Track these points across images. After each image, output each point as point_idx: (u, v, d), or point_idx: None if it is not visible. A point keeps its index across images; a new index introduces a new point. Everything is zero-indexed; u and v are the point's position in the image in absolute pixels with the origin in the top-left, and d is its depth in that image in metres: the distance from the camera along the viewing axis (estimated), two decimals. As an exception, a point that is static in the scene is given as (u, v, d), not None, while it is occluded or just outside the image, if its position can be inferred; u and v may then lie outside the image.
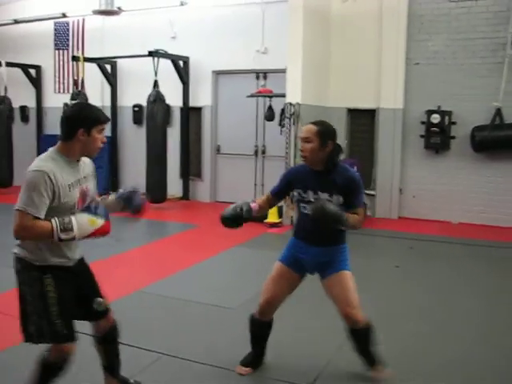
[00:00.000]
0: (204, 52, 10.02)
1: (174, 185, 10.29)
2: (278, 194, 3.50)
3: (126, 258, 6.48)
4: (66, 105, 11.01)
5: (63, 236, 2.58)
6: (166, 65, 9.63)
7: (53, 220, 2.56)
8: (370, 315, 3.39)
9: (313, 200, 3.20)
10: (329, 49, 9.20)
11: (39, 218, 2.54)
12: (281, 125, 8.45)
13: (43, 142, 11.36)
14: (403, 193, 8.99)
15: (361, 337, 3.33)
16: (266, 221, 8.26)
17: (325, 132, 3.22)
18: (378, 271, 6.09)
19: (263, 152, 9.87)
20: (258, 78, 9.80)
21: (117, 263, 6.16)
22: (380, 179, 9.10)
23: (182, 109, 10.30)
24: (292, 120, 8.26)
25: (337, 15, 9.16)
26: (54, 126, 11.55)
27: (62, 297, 2.70)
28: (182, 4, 9.97)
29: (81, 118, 2.69)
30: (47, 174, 2.54)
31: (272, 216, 8.27)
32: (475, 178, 8.64)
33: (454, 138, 8.69)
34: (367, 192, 8.98)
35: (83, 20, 11.01)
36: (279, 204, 8.21)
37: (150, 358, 3.72)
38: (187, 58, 10.11)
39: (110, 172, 10.94)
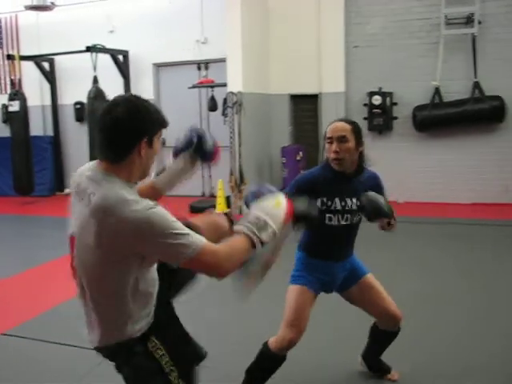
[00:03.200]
0: (143, 45, 9.85)
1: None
2: None
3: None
4: (4, 106, 10.72)
5: (264, 236, 1.81)
6: (105, 60, 9.43)
7: (237, 227, 1.84)
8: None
9: (340, 208, 2.79)
10: (268, 36, 9.17)
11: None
12: (224, 114, 8.39)
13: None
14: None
15: (392, 338, 3.08)
16: (213, 211, 8.20)
17: (358, 130, 2.82)
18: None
19: (209, 143, 9.78)
20: (199, 68, 9.71)
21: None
22: (326, 163, 9.12)
23: (124, 104, 10.10)
24: (235, 109, 8.21)
25: (275, 2, 9.15)
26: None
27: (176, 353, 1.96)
28: (117, -4, 9.80)
29: (144, 121, 1.81)
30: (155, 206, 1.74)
31: (220, 206, 8.23)
32: (418, 157, 8.79)
33: (396, 118, 8.82)
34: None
35: (16, 16, 10.66)
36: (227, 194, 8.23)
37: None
38: (126, 51, 9.92)
39: (54, 173, 10.69)
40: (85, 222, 1.75)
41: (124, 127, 1.76)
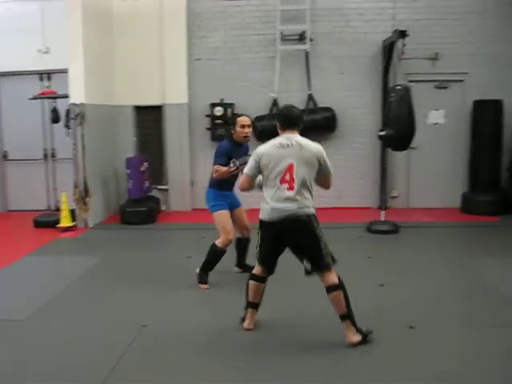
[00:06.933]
0: (-19, 53, 9.43)
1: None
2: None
3: None
4: None
5: None
6: None
7: None
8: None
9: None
10: (112, 47, 9.18)
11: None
12: (67, 126, 8.26)
13: None
14: (195, 185, 9.30)
15: (247, 243, 5.57)
16: (58, 225, 8.07)
17: (253, 121, 5.51)
18: (171, 262, 6.40)
19: (53, 155, 9.50)
20: (41, 79, 9.47)
21: None
22: (171, 173, 9.36)
23: (-39, 115, 9.62)
24: (78, 121, 8.12)
25: (119, 13, 9.20)
26: None
27: None
28: (-50, 1, 9.28)
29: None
30: None
31: (65, 220, 8.11)
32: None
33: (238, 128, 9.19)
34: (160, 187, 9.22)
35: None
36: (72, 207, 8.10)
37: None
38: (-37, 60, 9.44)
39: None
40: (301, 154, 3.94)
41: (302, 116, 4.27)
